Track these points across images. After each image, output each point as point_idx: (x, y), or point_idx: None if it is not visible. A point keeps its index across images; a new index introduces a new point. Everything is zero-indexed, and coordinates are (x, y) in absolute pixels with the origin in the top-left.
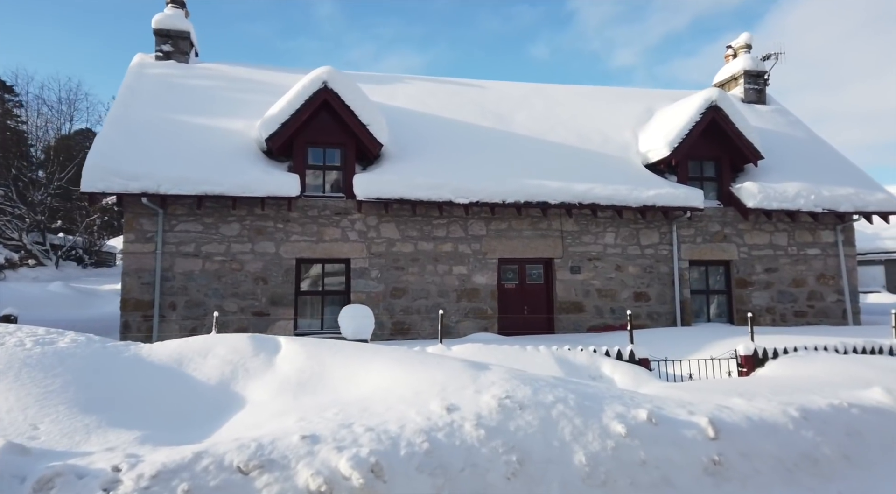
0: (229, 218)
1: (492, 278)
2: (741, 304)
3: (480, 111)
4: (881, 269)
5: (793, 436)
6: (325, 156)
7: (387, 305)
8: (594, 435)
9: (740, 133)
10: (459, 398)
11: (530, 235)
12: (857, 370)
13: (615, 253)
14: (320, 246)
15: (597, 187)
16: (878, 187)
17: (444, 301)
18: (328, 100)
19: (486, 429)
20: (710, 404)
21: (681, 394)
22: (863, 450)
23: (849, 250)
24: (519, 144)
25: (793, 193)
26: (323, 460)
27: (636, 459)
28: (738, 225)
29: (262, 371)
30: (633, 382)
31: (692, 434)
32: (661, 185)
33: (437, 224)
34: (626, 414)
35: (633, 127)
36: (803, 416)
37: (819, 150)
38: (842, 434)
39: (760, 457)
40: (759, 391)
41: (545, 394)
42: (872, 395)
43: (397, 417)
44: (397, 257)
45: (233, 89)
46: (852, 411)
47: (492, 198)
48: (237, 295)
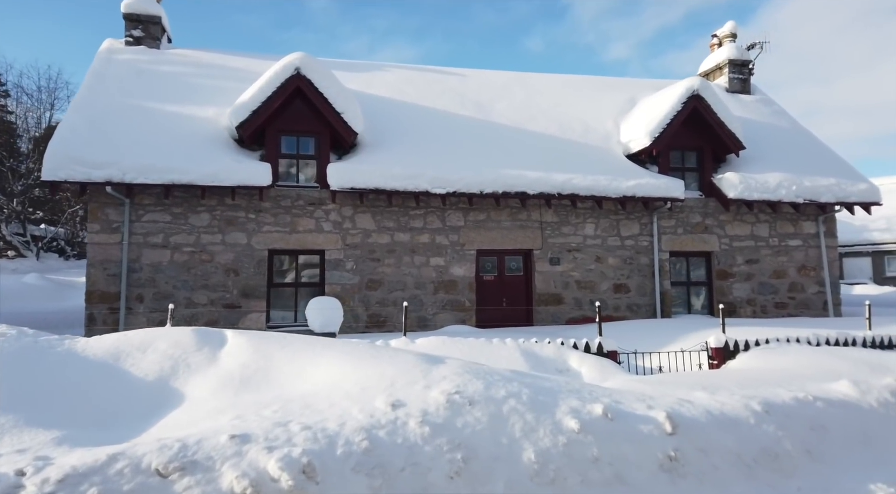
0: (199, 208)
1: (470, 269)
2: (722, 295)
3: (460, 100)
4: (868, 261)
5: (753, 431)
6: (299, 145)
7: (362, 297)
8: (546, 431)
9: (722, 123)
10: (407, 393)
11: (509, 226)
12: (828, 362)
13: (595, 244)
14: (294, 237)
15: (576, 177)
16: (861, 177)
17: (421, 293)
18: (301, 87)
19: (432, 426)
20: (671, 398)
21: (643, 388)
22: (826, 444)
23: (830, 242)
24: (498, 133)
25: (774, 183)
26: (251, 461)
27: (588, 455)
28: (719, 216)
29: (205, 367)
30: (600, 375)
31: (649, 430)
32: (642, 175)
33: (414, 215)
34: (580, 409)
35: (615, 117)
36: (765, 410)
37: (802, 140)
38: (805, 428)
39: (719, 452)
40: (724, 385)
41: (497, 389)
42: (839, 388)
43: (338, 414)
44: (373, 248)
45: (205, 76)
46: (817, 404)
47: (469, 188)
48: (207, 287)
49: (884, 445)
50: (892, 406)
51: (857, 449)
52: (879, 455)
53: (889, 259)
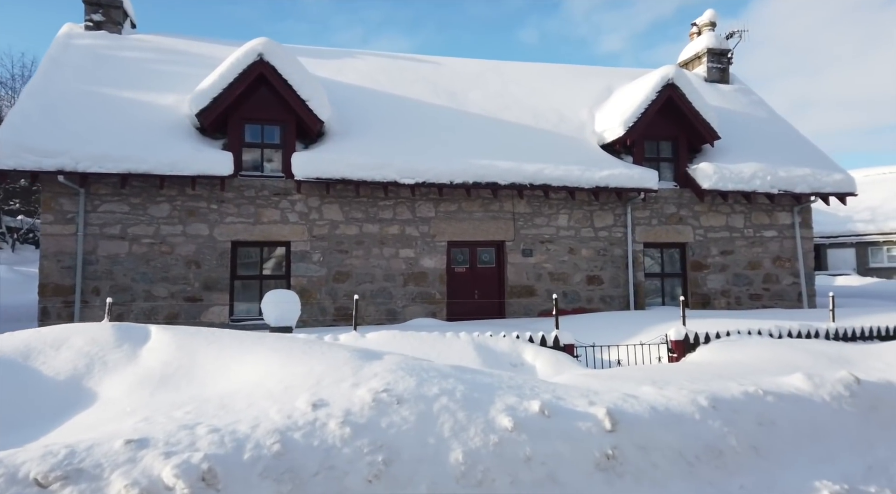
0: (158, 198)
1: (441, 261)
2: (696, 287)
3: (433, 89)
4: (852, 252)
5: (698, 427)
6: (264, 133)
7: (329, 289)
8: (477, 430)
9: (697, 112)
10: (332, 392)
11: (481, 217)
12: (787, 355)
13: (568, 236)
14: (258, 228)
15: (548, 167)
16: (837, 167)
17: (390, 286)
18: (264, 73)
19: (354, 427)
20: (616, 393)
21: (591, 382)
22: (773, 440)
23: (805, 233)
24: (471, 123)
25: (749, 174)
26: (144, 468)
27: (520, 455)
28: (694, 207)
29: (124, 365)
30: (554, 369)
31: (587, 427)
32: (615, 165)
33: (383, 206)
34: (517, 407)
35: (591, 106)
36: (712, 405)
37: (779, 130)
38: (752, 423)
39: (660, 450)
40: (676, 379)
41: (430, 387)
42: (792, 381)
43: (254, 415)
44: (341, 239)
45: (167, 62)
46: (767, 398)
47: (439, 178)
48: (167, 280)
49: (834, 440)
50: (845, 400)
51: (806, 445)
52: (828, 450)
53: (873, 250)
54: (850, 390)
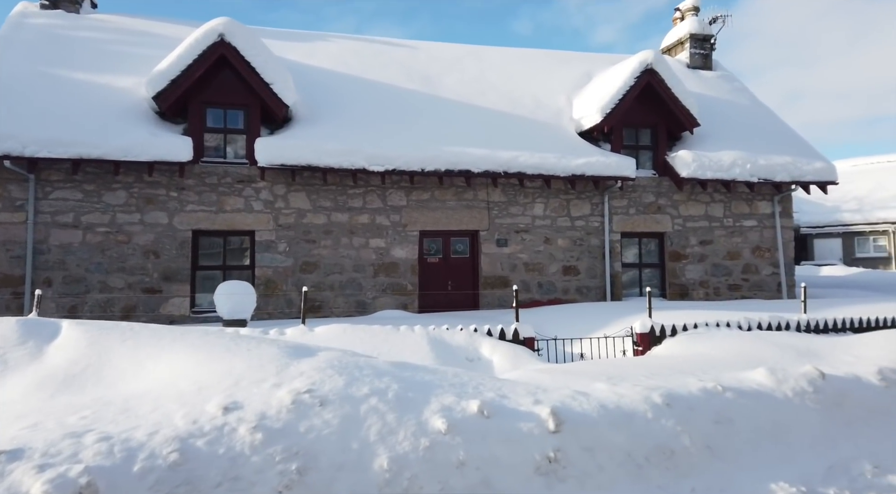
0: (114, 185)
1: (412, 251)
2: (674, 278)
3: (406, 73)
4: (839, 242)
5: (650, 426)
6: (227, 118)
7: (296, 280)
8: (406, 434)
9: (676, 98)
10: (250, 393)
11: (454, 206)
12: (754, 347)
13: (544, 225)
14: (220, 217)
15: (523, 154)
16: (818, 155)
17: (360, 276)
18: (226, 55)
19: (267, 432)
20: (567, 390)
21: (543, 378)
22: (730, 439)
23: (786, 222)
24: (445, 108)
25: (728, 162)
26: (12, 483)
27: (453, 460)
28: (672, 196)
29: (26, 363)
30: (511, 364)
31: (529, 428)
32: (592, 153)
33: (353, 194)
34: (453, 407)
35: (569, 92)
36: (667, 402)
37: (761, 117)
38: (709, 421)
39: (607, 451)
40: (633, 374)
41: (360, 386)
42: (754, 376)
43: (156, 420)
44: (308, 229)
45: (126, 43)
46: (726, 395)
47: (410, 166)
48: (124, 270)
49: (795, 439)
50: (809, 396)
51: (765, 444)
52: (788, 449)
53: (859, 240)
54: (813, 385)
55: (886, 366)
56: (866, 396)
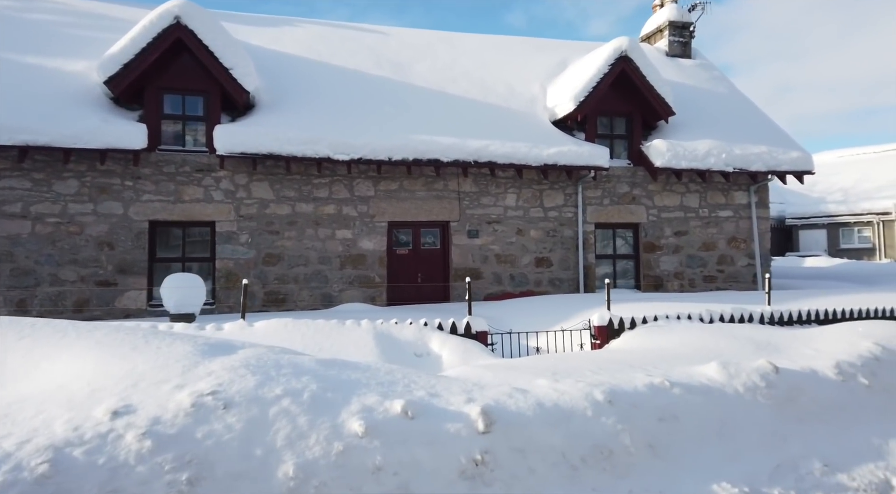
0: (65, 174)
1: (381, 243)
2: (648, 269)
3: (376, 60)
4: (824, 233)
5: (588, 425)
6: (185, 104)
7: (259, 273)
8: (319, 438)
9: (651, 86)
10: (147, 396)
11: (424, 196)
12: (713, 340)
13: (516, 216)
14: (179, 207)
15: (494, 143)
16: (794, 145)
17: (325, 269)
18: (182, 38)
19: (158, 439)
20: (505, 387)
21: (484, 375)
22: (674, 438)
23: (762, 212)
24: (415, 96)
25: (703, 151)
26: None
27: (368, 465)
28: (647, 186)
29: None
30: (461, 359)
31: (456, 429)
32: (565, 142)
33: (318, 184)
34: (375, 407)
35: (543, 80)
36: (609, 400)
37: (739, 106)
38: (653, 419)
39: (540, 452)
40: (581, 369)
41: (273, 387)
42: (706, 371)
43: (33, 427)
44: (271, 219)
45: (81, 26)
46: (673, 391)
47: (376, 155)
48: (77, 262)
49: (742, 436)
50: (761, 391)
51: (711, 442)
52: (735, 448)
53: (844, 231)
54: (766, 380)
55: (844, 360)
56: (821, 391)
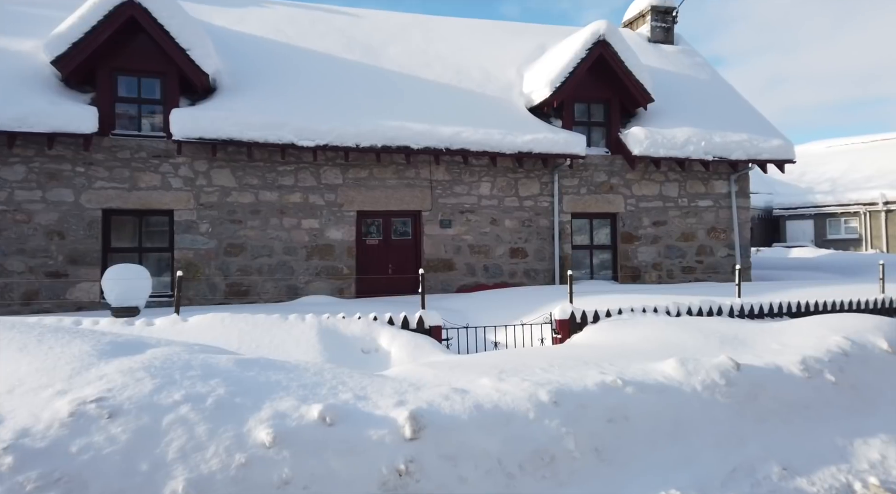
0: (11, 159)
1: (349, 233)
2: (626, 260)
3: (346, 42)
4: (810, 223)
5: (530, 428)
6: (142, 87)
7: (220, 264)
8: (219, 449)
9: (629, 72)
10: (21, 403)
11: (395, 184)
12: (678, 335)
13: (491, 205)
14: (134, 195)
15: (467, 130)
16: (776, 133)
17: (291, 260)
18: (136, 17)
19: (22, 454)
20: (443, 387)
21: (425, 373)
22: (623, 440)
23: (742, 202)
24: (386, 80)
25: (682, 139)
26: None
27: (275, 479)
28: (625, 175)
29: None
30: (410, 356)
31: (380, 435)
32: (540, 129)
33: (283, 171)
34: (290, 414)
35: (520, 65)
36: (554, 400)
37: (720, 93)
38: (601, 420)
39: (473, 459)
40: (531, 366)
41: (172, 392)
42: (663, 368)
43: None
44: (233, 208)
45: (30, 3)
46: (626, 390)
47: (343, 141)
48: (24, 252)
49: (697, 438)
50: (720, 390)
51: (663, 444)
52: (689, 450)
53: (831, 222)
54: (726, 377)
55: (811, 355)
56: (785, 388)
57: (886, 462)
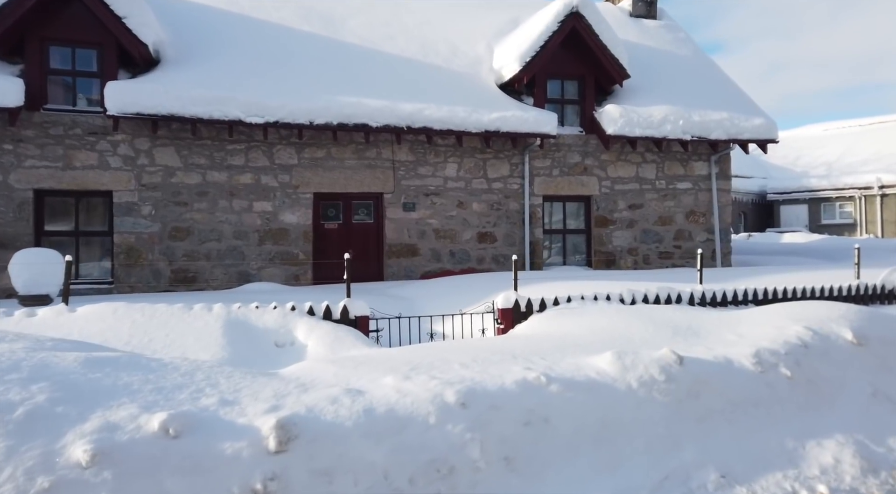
0: None
1: (305, 216)
2: (600, 245)
3: (304, 13)
4: (805, 208)
5: (428, 434)
6: (77, 59)
7: (165, 249)
8: (18, 472)
9: (604, 46)
10: None
11: (354, 165)
12: (627, 325)
13: (457, 188)
14: (69, 174)
15: (429, 107)
16: (758, 111)
17: (242, 244)
18: None
19: None
20: (336, 389)
21: (322, 372)
22: (540, 446)
23: (723, 184)
24: (346, 54)
25: (659, 118)
26: None
27: None
28: (600, 156)
29: None
30: (329, 349)
31: (237, 449)
32: (509, 106)
33: (233, 150)
34: (123, 425)
35: (491, 40)
36: (462, 401)
37: (702, 70)
38: (516, 423)
39: (354, 473)
40: (449, 361)
41: None
42: (598, 362)
43: None
44: (178, 189)
45: None
46: (550, 388)
47: (295, 118)
48: None
49: (626, 441)
50: (658, 386)
51: (587, 450)
52: (615, 455)
53: (825, 206)
54: (666, 373)
55: (767, 347)
56: (733, 384)
57: (840, 466)
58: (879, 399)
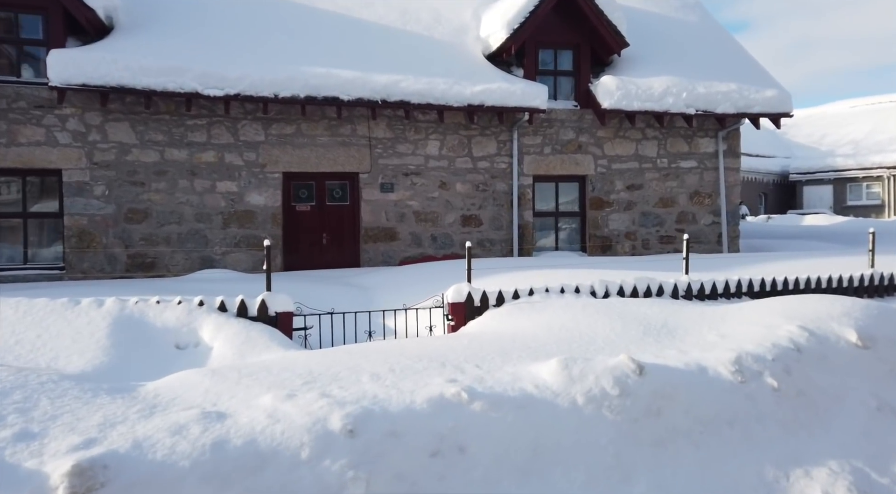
0: None
1: (274, 197)
2: (595, 229)
3: None
4: (829, 189)
5: (295, 473)
6: (20, 26)
7: (120, 232)
8: None
9: (601, 11)
10: None
11: (327, 142)
12: (592, 322)
13: (440, 167)
14: (13, 151)
15: (406, 79)
16: (771, 82)
17: (204, 227)
18: None
19: None
20: (191, 412)
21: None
22: (449, 483)
23: (731, 162)
24: (318, 22)
25: (660, 90)
26: None
27: None
28: (596, 132)
29: None
30: (238, 352)
31: None
32: (495, 78)
33: (194, 126)
34: None
35: (477, 7)
36: (350, 428)
37: (711, 38)
38: (421, 454)
39: None
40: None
41: None
42: (540, 372)
43: None
44: (134, 168)
45: None
46: (472, 407)
47: (258, 90)
48: None
49: (562, 472)
50: (609, 402)
51: (508, 485)
52: (546, 491)
53: (851, 187)
54: (621, 385)
55: (751, 351)
56: (705, 398)
57: None
58: (885, 414)
